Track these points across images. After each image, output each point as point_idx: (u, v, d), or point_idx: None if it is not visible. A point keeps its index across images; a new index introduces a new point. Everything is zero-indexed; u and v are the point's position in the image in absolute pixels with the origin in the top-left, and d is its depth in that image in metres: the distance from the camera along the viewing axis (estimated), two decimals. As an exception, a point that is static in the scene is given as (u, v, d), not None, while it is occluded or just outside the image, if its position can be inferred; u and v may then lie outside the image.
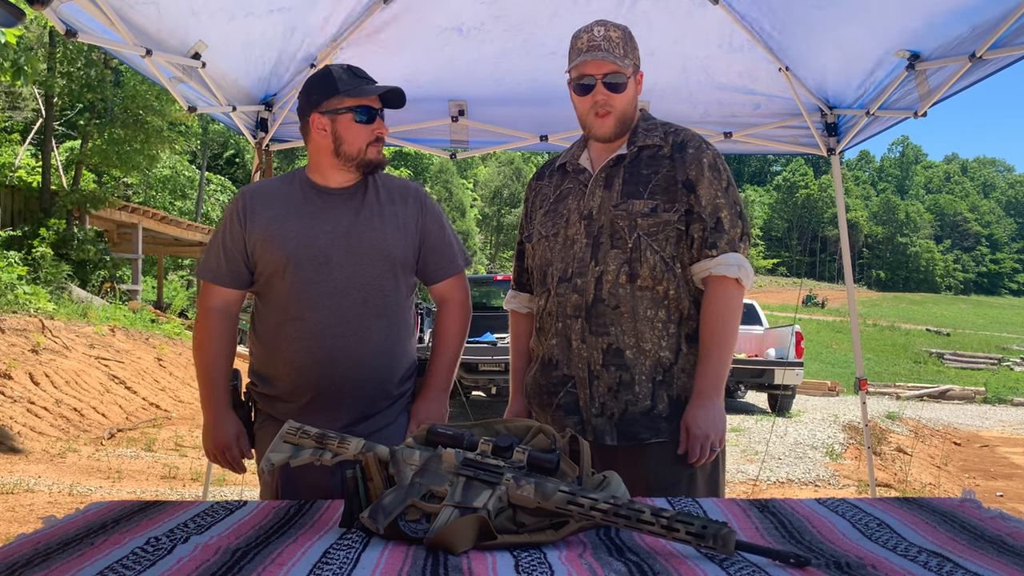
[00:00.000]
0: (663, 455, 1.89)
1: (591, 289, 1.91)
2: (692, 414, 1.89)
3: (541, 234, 2.05)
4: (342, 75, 2.03)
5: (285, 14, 3.05)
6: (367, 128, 2.03)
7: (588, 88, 1.94)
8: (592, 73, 1.92)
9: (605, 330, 1.90)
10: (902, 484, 7.42)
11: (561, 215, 2.01)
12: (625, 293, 1.90)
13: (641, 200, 1.92)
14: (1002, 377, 23.59)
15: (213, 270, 2.09)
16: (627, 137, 2.00)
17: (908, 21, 2.86)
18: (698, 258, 1.94)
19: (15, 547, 1.22)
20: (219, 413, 2.09)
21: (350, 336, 2.02)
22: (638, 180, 1.95)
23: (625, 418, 1.89)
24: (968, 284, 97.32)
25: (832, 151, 3.85)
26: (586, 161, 2.03)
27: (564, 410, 1.95)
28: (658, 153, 1.97)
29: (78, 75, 15.67)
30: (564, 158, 2.10)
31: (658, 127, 2.01)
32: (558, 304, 1.96)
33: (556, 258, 1.99)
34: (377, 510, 1.26)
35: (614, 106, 1.93)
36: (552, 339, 1.97)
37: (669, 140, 1.98)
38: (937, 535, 1.28)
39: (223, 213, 2.17)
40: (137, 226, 17.52)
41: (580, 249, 1.95)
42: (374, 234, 2.05)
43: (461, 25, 3.35)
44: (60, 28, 2.33)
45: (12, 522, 4.87)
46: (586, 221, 1.96)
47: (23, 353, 8.90)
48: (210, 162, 34.25)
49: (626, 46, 1.93)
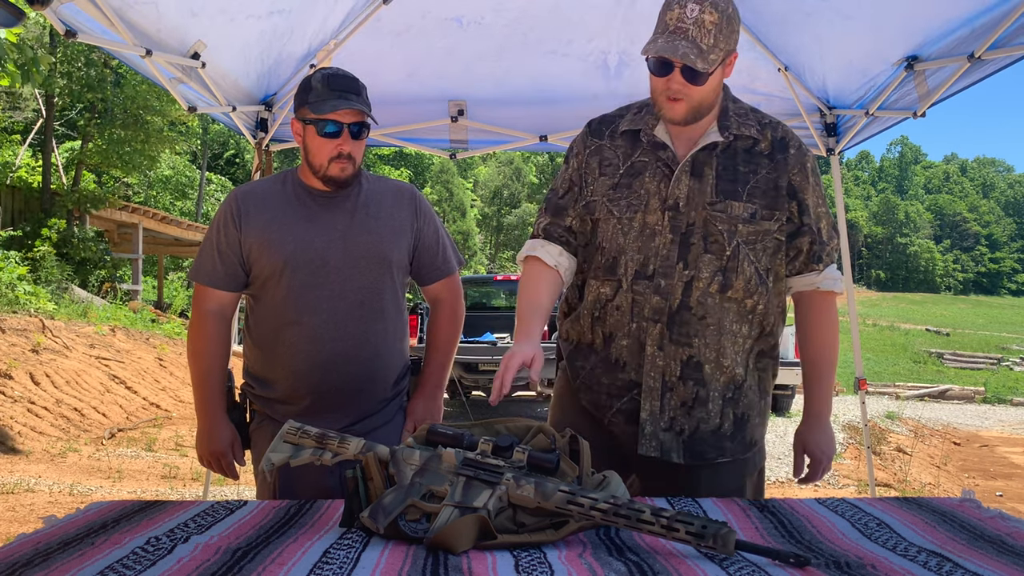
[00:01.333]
0: (723, 475, 1.81)
1: (677, 294, 1.73)
2: (813, 438, 1.86)
3: (611, 212, 1.79)
4: (318, 84, 1.98)
5: (285, 16, 3.05)
6: (330, 143, 1.97)
7: (665, 69, 1.69)
8: (670, 58, 1.66)
9: (688, 340, 1.74)
10: (902, 484, 7.42)
11: (637, 194, 1.77)
12: (714, 303, 1.74)
13: (740, 203, 1.73)
14: (1002, 377, 23.57)
15: (209, 273, 2.07)
16: (714, 119, 1.78)
17: (908, 21, 2.86)
18: (801, 271, 1.82)
19: (15, 547, 1.22)
20: (214, 419, 2.09)
21: (348, 340, 2.02)
22: (735, 178, 1.75)
23: (696, 436, 1.77)
24: (968, 284, 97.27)
25: (831, 151, 3.86)
26: (664, 135, 1.78)
27: (624, 416, 1.79)
28: (754, 148, 1.78)
29: (78, 75, 15.66)
30: (631, 123, 1.83)
31: (749, 114, 1.82)
32: (633, 302, 1.75)
33: (630, 246, 1.76)
34: (377, 510, 1.26)
35: (689, 95, 1.70)
36: (622, 340, 1.77)
37: (767, 135, 1.79)
38: (937, 535, 1.28)
39: (215, 214, 2.15)
40: (137, 226, 17.52)
41: (664, 245, 1.74)
42: (370, 237, 2.04)
43: (461, 17, 3.35)
44: (60, 28, 2.33)
45: (12, 522, 4.87)
46: (671, 212, 1.74)
47: (23, 353, 8.90)
48: (210, 162, 34.20)
49: (719, 33, 1.65)
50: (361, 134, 2.00)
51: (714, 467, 1.80)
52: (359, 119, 1.98)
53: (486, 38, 3.38)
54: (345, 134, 1.97)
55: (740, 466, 1.83)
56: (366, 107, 1.99)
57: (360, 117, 1.98)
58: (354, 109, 1.95)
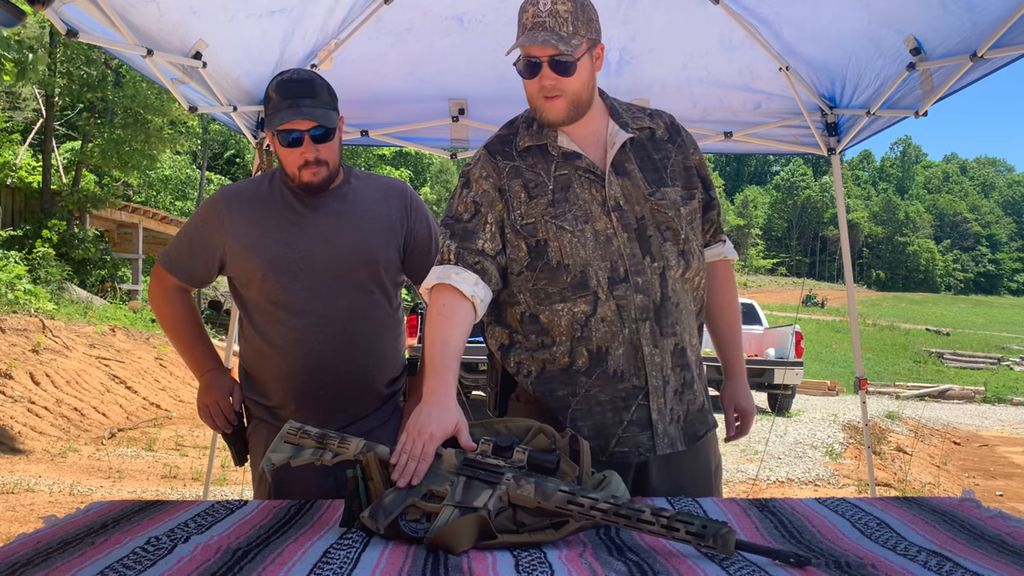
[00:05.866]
0: (712, 442, 1.91)
1: (657, 287, 1.74)
2: (743, 395, 2.02)
3: (561, 227, 1.75)
4: (272, 94, 1.93)
5: (286, 15, 3.05)
6: (295, 152, 1.93)
7: (535, 69, 1.73)
8: (537, 55, 1.70)
9: (673, 330, 1.77)
10: (902, 484, 7.42)
11: (576, 205, 1.76)
12: (680, 288, 1.79)
13: (671, 188, 1.80)
14: (1002, 377, 23.58)
15: (174, 260, 2.12)
16: (607, 119, 1.82)
17: (910, 21, 2.86)
18: (710, 243, 1.95)
19: (16, 547, 1.22)
20: (211, 373, 2.15)
21: (336, 341, 2.01)
22: (656, 167, 1.81)
23: (688, 419, 1.82)
24: (968, 284, 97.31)
25: (832, 151, 3.85)
26: (569, 143, 1.79)
27: (638, 426, 1.75)
28: (655, 136, 1.85)
29: (78, 75, 15.66)
30: (532, 139, 1.81)
31: (632, 108, 1.89)
32: (619, 308, 1.73)
33: (593, 256, 1.74)
34: (377, 510, 1.26)
35: (564, 89, 1.71)
36: (617, 349, 1.73)
37: (659, 123, 1.87)
38: (937, 534, 1.28)
39: (199, 207, 2.15)
40: (137, 226, 17.54)
41: (623, 244, 1.74)
42: (356, 236, 2.02)
43: (462, 15, 3.34)
44: (61, 28, 2.32)
45: (13, 522, 4.87)
46: (616, 212, 1.75)
47: (24, 353, 8.90)
48: (210, 162, 34.21)
49: (576, 20, 1.69)
50: (327, 137, 1.95)
51: (706, 439, 1.89)
52: (318, 123, 1.91)
53: (487, 37, 3.38)
54: (307, 141, 1.92)
55: (715, 433, 1.94)
56: (321, 109, 1.92)
57: (319, 121, 1.91)
58: (304, 119, 1.89)
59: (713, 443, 1.91)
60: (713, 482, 1.88)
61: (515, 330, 1.83)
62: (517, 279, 1.79)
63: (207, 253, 2.07)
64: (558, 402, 1.77)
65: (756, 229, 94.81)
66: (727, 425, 2.04)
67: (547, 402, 1.78)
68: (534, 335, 1.79)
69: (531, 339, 1.80)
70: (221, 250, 2.05)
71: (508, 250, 1.78)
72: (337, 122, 1.97)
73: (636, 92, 3.64)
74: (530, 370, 1.80)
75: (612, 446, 1.74)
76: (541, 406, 1.79)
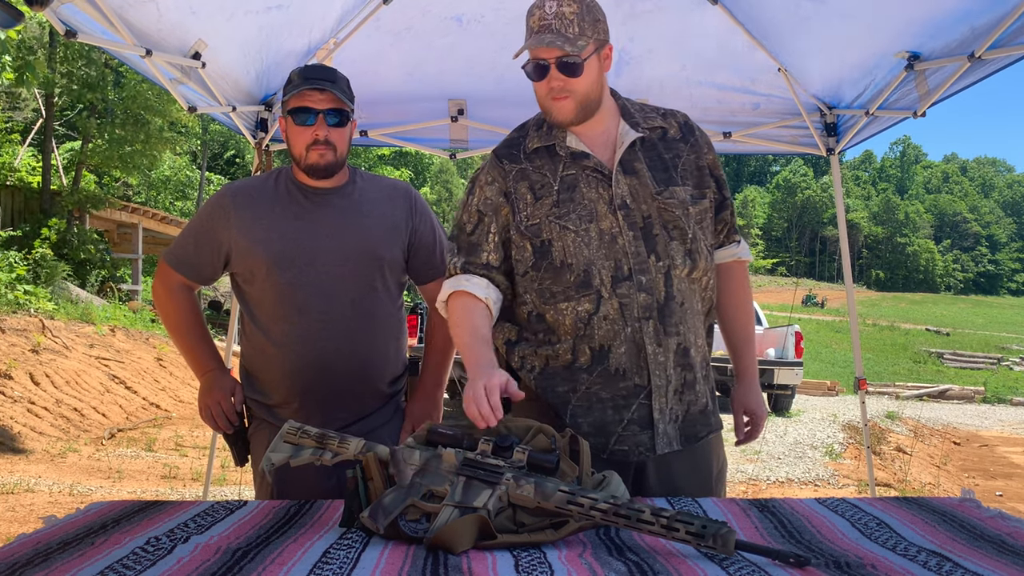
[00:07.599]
0: (716, 444, 1.90)
1: (661, 286, 1.75)
2: (754, 399, 1.98)
3: (565, 227, 1.77)
4: (295, 76, 2.00)
5: (283, 11, 3.05)
6: (306, 130, 1.97)
7: (543, 71, 1.75)
8: (545, 57, 1.73)
9: (676, 329, 1.77)
10: (902, 484, 7.42)
11: (581, 205, 1.77)
12: (686, 287, 1.79)
13: (680, 187, 1.80)
14: (1001, 377, 23.58)
15: (180, 258, 2.12)
16: (618, 118, 1.84)
17: (908, 21, 2.86)
18: (724, 243, 1.94)
19: (15, 547, 1.22)
20: (213, 373, 2.14)
21: (339, 339, 2.01)
22: (666, 166, 1.81)
23: (687, 419, 1.81)
24: (967, 284, 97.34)
25: (831, 151, 3.85)
26: (578, 144, 1.81)
27: (638, 425, 1.76)
28: (667, 136, 1.85)
29: (78, 75, 15.65)
30: (540, 140, 1.84)
31: (646, 108, 1.90)
32: (621, 306, 1.74)
33: (596, 255, 1.75)
34: (377, 510, 1.26)
35: (572, 90, 1.74)
36: (619, 347, 1.75)
37: (671, 122, 1.88)
38: (937, 535, 1.28)
39: (205, 204, 2.16)
40: (137, 226, 17.53)
41: (628, 243, 1.75)
42: (361, 235, 2.04)
43: (461, 15, 3.34)
44: (60, 29, 2.32)
45: (12, 522, 4.87)
46: (622, 211, 1.76)
47: (23, 353, 8.90)
48: (210, 162, 34.20)
49: (583, 21, 1.73)
50: (340, 123, 1.99)
51: (708, 440, 1.87)
52: (334, 106, 1.97)
53: (486, 37, 3.38)
54: (320, 120, 1.96)
55: (719, 436, 1.92)
56: (341, 93, 1.98)
57: (335, 104, 1.97)
58: (323, 90, 1.94)
59: (715, 446, 1.88)
60: (713, 485, 1.86)
61: (523, 327, 1.86)
62: (523, 279, 1.82)
63: (212, 249, 2.07)
64: (559, 398, 1.79)
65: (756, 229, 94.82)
66: (736, 428, 2.01)
67: (548, 398, 1.80)
68: (540, 333, 1.82)
69: (537, 336, 1.83)
70: (227, 246, 2.05)
71: (513, 251, 1.82)
72: (352, 112, 2.02)
73: (635, 92, 3.62)
74: (533, 365, 1.82)
75: (612, 444, 1.75)
76: (541, 403, 1.81)
